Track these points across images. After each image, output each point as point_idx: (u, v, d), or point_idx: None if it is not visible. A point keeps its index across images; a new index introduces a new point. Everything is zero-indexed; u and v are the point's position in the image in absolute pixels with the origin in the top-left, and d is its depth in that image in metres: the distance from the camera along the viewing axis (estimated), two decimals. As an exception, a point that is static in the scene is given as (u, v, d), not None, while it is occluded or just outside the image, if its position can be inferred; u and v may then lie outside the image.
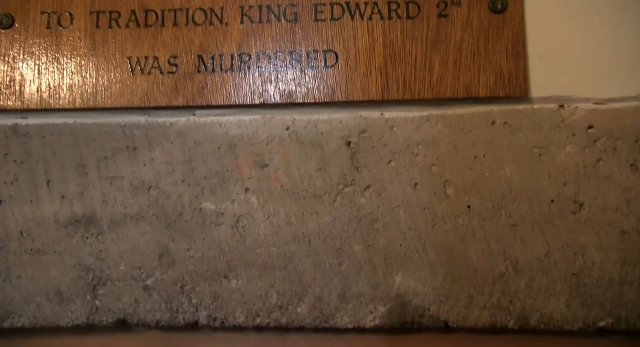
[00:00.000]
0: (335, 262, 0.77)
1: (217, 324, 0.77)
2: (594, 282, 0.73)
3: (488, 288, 0.75)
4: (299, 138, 0.80)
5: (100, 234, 0.79)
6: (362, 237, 0.77)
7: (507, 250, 0.75)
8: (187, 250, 0.78)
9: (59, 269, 0.79)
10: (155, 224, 0.79)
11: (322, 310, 0.76)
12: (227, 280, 0.78)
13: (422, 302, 0.75)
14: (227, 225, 0.79)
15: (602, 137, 0.75)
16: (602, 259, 0.74)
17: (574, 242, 0.74)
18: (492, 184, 0.77)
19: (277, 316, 0.76)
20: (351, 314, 0.76)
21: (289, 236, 0.78)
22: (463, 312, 0.75)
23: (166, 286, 0.78)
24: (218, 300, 0.77)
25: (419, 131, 0.78)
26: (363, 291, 0.76)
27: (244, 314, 0.77)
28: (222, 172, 0.80)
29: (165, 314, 0.77)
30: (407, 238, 0.77)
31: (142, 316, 0.77)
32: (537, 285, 0.74)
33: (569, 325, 0.73)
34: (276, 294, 0.77)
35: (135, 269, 0.78)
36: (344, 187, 0.78)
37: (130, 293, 0.78)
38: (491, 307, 0.75)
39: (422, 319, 0.75)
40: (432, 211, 0.77)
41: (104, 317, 0.77)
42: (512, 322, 0.74)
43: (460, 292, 0.75)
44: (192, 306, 0.77)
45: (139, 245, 0.79)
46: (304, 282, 0.77)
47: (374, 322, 0.75)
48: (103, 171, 0.81)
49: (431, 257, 0.76)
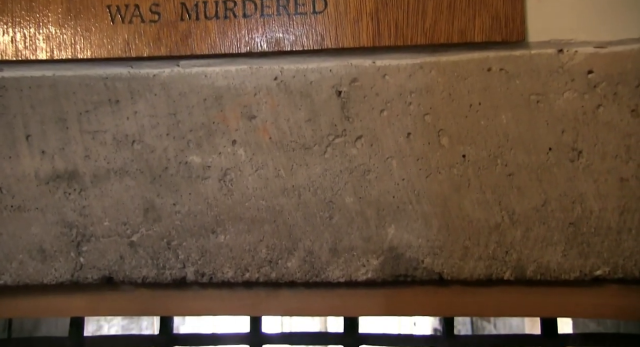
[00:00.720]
0: (325, 215, 0.74)
1: (204, 280, 0.75)
2: (592, 231, 0.71)
3: (483, 239, 0.73)
4: (288, 88, 0.77)
5: (82, 189, 0.77)
6: (353, 189, 0.75)
7: (502, 200, 0.73)
8: (172, 204, 0.76)
9: (41, 226, 0.76)
10: (139, 178, 0.77)
11: (312, 264, 0.74)
12: (215, 235, 0.75)
13: (415, 255, 0.73)
14: (213, 178, 0.76)
15: (602, 82, 0.73)
16: (600, 207, 0.72)
17: (572, 191, 0.72)
18: (487, 132, 0.74)
19: (267, 270, 0.74)
20: (343, 267, 0.74)
21: (277, 188, 0.75)
22: (458, 264, 0.73)
23: (152, 241, 0.75)
24: (205, 255, 0.75)
25: (411, 79, 0.75)
26: (355, 243, 0.74)
27: (232, 269, 0.74)
28: (208, 124, 0.77)
29: (152, 270, 0.75)
30: (400, 189, 0.74)
31: (127, 272, 0.75)
32: (534, 235, 0.72)
33: (565, 274, 0.71)
34: (265, 248, 0.75)
35: (119, 224, 0.76)
36: (334, 137, 0.76)
37: (115, 249, 0.75)
38: (486, 258, 0.73)
39: (416, 271, 0.73)
40: (425, 160, 0.74)
41: (89, 274, 0.75)
42: (508, 273, 0.72)
43: (454, 244, 0.73)
44: (178, 261, 0.75)
45: (123, 200, 0.76)
46: (293, 236, 0.74)
47: (366, 276, 0.73)
48: (84, 125, 0.78)
49: (425, 208, 0.74)
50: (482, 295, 0.75)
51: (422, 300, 0.75)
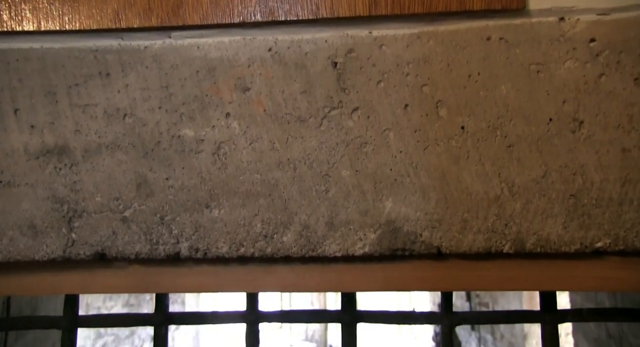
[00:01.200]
0: (322, 188, 0.73)
1: (199, 255, 0.73)
2: (593, 202, 0.70)
3: (482, 212, 0.72)
4: (282, 59, 0.75)
5: (73, 164, 0.75)
6: (350, 162, 0.73)
7: (502, 172, 0.72)
8: (165, 179, 0.74)
9: (32, 202, 0.75)
10: (131, 152, 0.75)
11: (308, 238, 0.73)
12: (209, 209, 0.74)
13: (413, 228, 0.72)
14: (207, 152, 0.74)
15: (605, 51, 0.71)
16: (601, 178, 0.70)
17: (573, 162, 0.71)
18: (487, 103, 0.72)
19: (262, 245, 0.73)
20: (339, 241, 0.72)
21: (272, 161, 0.74)
22: (456, 237, 0.72)
23: (145, 216, 0.74)
24: (199, 230, 0.74)
25: (409, 49, 0.74)
26: (352, 217, 0.73)
27: (227, 244, 0.73)
28: (201, 96, 0.75)
29: (145, 246, 0.74)
30: (398, 162, 0.73)
31: (120, 248, 0.74)
32: (534, 207, 0.71)
33: (565, 247, 0.70)
34: (260, 223, 0.73)
35: (111, 200, 0.74)
36: (330, 109, 0.74)
37: (107, 225, 0.74)
38: (486, 231, 0.71)
39: (414, 245, 0.72)
40: (423, 132, 0.73)
41: (81, 250, 0.74)
42: (507, 246, 0.71)
43: (453, 217, 0.72)
44: (172, 236, 0.74)
45: (115, 175, 0.75)
46: (289, 210, 0.73)
47: (364, 250, 0.72)
48: (74, 99, 0.76)
49: (423, 181, 0.72)
50: (482, 269, 0.73)
51: (420, 275, 0.74)
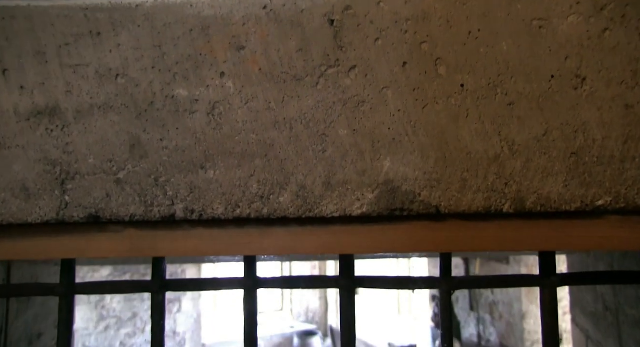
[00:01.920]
0: (319, 148, 0.72)
1: (194, 217, 0.72)
2: (594, 160, 0.69)
3: (482, 171, 0.70)
4: (278, 17, 0.73)
5: (65, 126, 0.73)
6: (347, 121, 0.72)
7: (502, 130, 0.70)
8: (159, 140, 0.73)
9: (23, 164, 0.73)
10: (124, 113, 0.73)
11: (305, 198, 0.72)
12: (204, 170, 0.73)
13: (412, 188, 0.71)
14: (202, 112, 0.73)
15: (610, 4, 0.69)
16: (603, 136, 0.69)
17: (575, 119, 0.69)
18: (487, 60, 0.71)
19: (258, 206, 0.72)
20: (337, 201, 0.71)
21: (268, 121, 0.72)
22: (455, 197, 0.71)
23: (139, 178, 0.73)
24: (195, 191, 0.72)
25: (407, 6, 0.72)
26: (349, 177, 0.71)
27: (223, 205, 0.72)
28: (195, 56, 0.73)
29: (139, 208, 0.73)
30: (396, 120, 0.71)
31: (114, 210, 0.73)
32: (534, 165, 0.70)
33: (566, 205, 0.69)
34: (256, 184, 0.72)
35: (105, 161, 0.73)
36: (327, 68, 0.72)
37: (101, 187, 0.73)
38: (485, 190, 0.70)
39: (412, 205, 0.71)
40: (422, 91, 0.71)
41: (75, 213, 0.73)
42: (507, 205, 0.70)
43: (452, 176, 0.71)
44: (167, 198, 0.73)
45: (108, 136, 0.73)
46: (285, 170, 0.72)
47: (361, 210, 0.71)
48: (65, 58, 0.74)
49: (421, 140, 0.71)
50: (481, 230, 0.73)
51: (419, 236, 0.73)
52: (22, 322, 1.55)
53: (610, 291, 1.73)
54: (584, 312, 2.10)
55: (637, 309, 1.45)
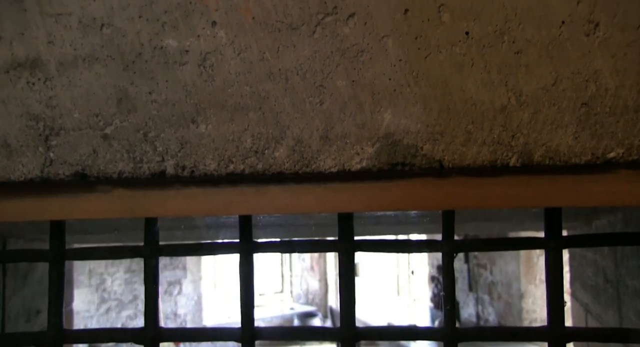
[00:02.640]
0: (316, 100, 0.68)
1: (185, 173, 0.69)
2: (606, 110, 0.66)
3: (488, 123, 0.67)
4: (271, -39, 0.68)
5: (48, 79, 0.70)
6: (345, 71, 0.68)
7: (509, 80, 0.67)
8: (148, 93, 0.69)
9: (4, 119, 0.70)
10: (110, 65, 0.69)
11: (302, 153, 0.68)
12: (195, 124, 0.69)
13: (414, 141, 0.68)
14: (192, 64, 0.69)
15: (624, -57, 0.65)
16: (616, 85, 0.65)
17: (586, 68, 0.66)
18: (493, 6, 0.67)
19: (253, 161, 0.69)
20: (335, 156, 0.68)
21: (263, 72, 0.68)
22: (460, 150, 0.67)
23: (127, 133, 0.69)
24: (185, 147, 0.69)
25: (410, -53, 0.67)
26: (348, 130, 0.68)
27: (215, 161, 0.69)
28: (185, 4, 0.69)
29: (128, 164, 0.69)
30: (397, 71, 0.67)
31: (102, 167, 0.69)
32: (543, 117, 0.66)
33: (575, 158, 0.66)
34: (250, 138, 0.69)
35: (91, 116, 0.69)
36: (324, 16, 0.68)
37: (87, 143, 0.69)
38: (491, 143, 0.67)
39: (414, 159, 0.68)
40: (424, 39, 0.67)
41: (60, 170, 0.70)
42: (514, 159, 0.67)
43: (456, 129, 0.67)
44: (157, 154, 0.69)
45: (94, 90, 0.69)
46: (281, 124, 0.68)
47: (361, 164, 0.68)
48: (45, 7, 0.70)
49: (424, 91, 0.67)
50: (486, 185, 0.69)
51: (421, 193, 0.70)
52: (19, 298, 1.53)
53: (612, 264, 1.71)
54: (583, 286, 2.09)
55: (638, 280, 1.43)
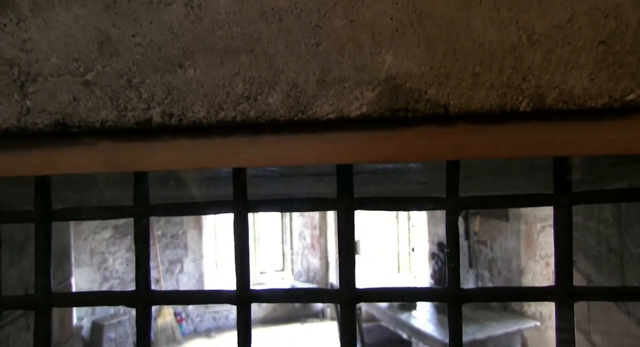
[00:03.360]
0: (311, 42, 0.63)
1: (173, 122, 0.65)
2: (627, 49, 0.61)
3: (497, 64, 0.62)
4: None
5: (21, 20, 0.64)
6: (343, 10, 0.63)
7: (520, 17, 0.61)
8: (131, 36, 0.64)
9: (-22, 65, 0.65)
10: (90, 6, 0.64)
11: (297, 98, 0.64)
12: (182, 69, 0.64)
13: (417, 85, 0.63)
14: (178, 3, 0.64)
15: None
16: (639, 20, 0.60)
17: (605, 2, 0.60)
18: None
19: (245, 107, 0.64)
20: (332, 101, 0.63)
21: (254, 12, 0.63)
22: (466, 94, 0.63)
23: (110, 79, 0.65)
24: (173, 93, 0.64)
25: None
26: (346, 74, 0.63)
27: (205, 108, 0.64)
28: (167, -63, 0.63)
29: (112, 113, 0.65)
30: (399, 9, 0.62)
31: (83, 115, 0.65)
32: (556, 57, 0.61)
33: (591, 101, 0.61)
34: (242, 83, 0.64)
35: (70, 61, 0.65)
36: (320, -52, 0.62)
37: (66, 90, 0.65)
38: (500, 86, 0.62)
39: (418, 104, 0.63)
40: (429, -27, 0.62)
41: (39, 119, 0.65)
42: (525, 103, 0.62)
43: (463, 71, 0.62)
44: (142, 101, 0.65)
45: (73, 32, 0.64)
46: (274, 67, 0.64)
47: (360, 110, 0.63)
48: (17, -58, 0.64)
49: (428, 30, 0.62)
50: (494, 134, 0.65)
51: (425, 142, 0.66)
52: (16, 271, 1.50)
53: (616, 232, 1.68)
54: (586, 257, 2.06)
55: (644, 247, 1.40)
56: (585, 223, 1.99)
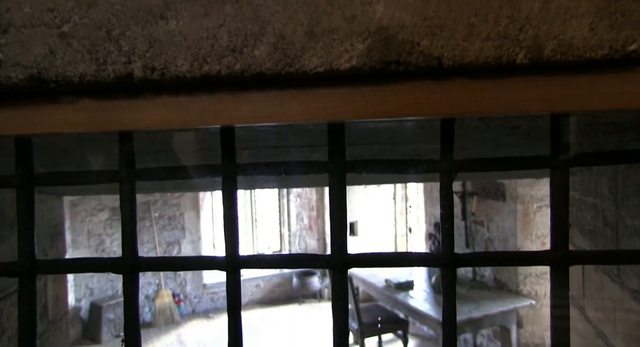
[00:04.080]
0: (299, -10, 0.60)
1: (155, 76, 0.62)
2: (629, -4, 0.58)
3: (493, 14, 0.59)
4: None
5: (-6, -32, 0.61)
6: (333, -44, 0.59)
7: (519, -37, 0.58)
8: (109, -15, 0.61)
9: (-52, 16, 0.62)
10: (64, -47, 0.61)
11: (284, 51, 0.61)
12: (164, 20, 0.61)
13: (409, 36, 0.60)
14: (157, -50, 0.60)
15: None
16: (641, -35, 0.57)
17: (607, -53, 0.57)
18: None
19: (230, 60, 0.61)
20: (321, 54, 0.61)
21: (238, -41, 0.60)
22: (461, 46, 0.60)
23: (88, 31, 0.62)
24: (154, 46, 0.61)
25: None
26: (335, 25, 0.60)
27: (188, 61, 0.61)
28: None
29: (90, 67, 0.62)
30: (391, -45, 0.59)
31: (60, 69, 0.62)
32: (555, 5, 0.59)
33: (591, 52, 0.59)
34: (227, 35, 0.61)
35: (45, 11, 0.61)
36: None
37: (42, 42, 0.62)
38: (496, 37, 0.60)
39: (410, 56, 0.60)
40: None
41: (12, 73, 0.62)
42: (522, 55, 0.60)
43: (457, 21, 0.60)
44: (122, 54, 0.62)
45: (47, -18, 0.61)
46: (261, 18, 0.61)
47: (350, 63, 0.61)
48: None
49: (422, -22, 0.59)
50: (490, 89, 0.62)
51: (418, 98, 0.63)
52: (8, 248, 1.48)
53: (612, 205, 1.67)
54: (581, 232, 2.06)
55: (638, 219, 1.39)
56: (582, 198, 1.98)
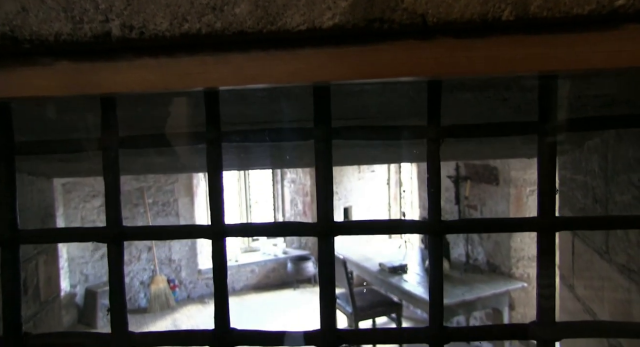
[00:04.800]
0: (280, -55, 0.58)
1: (134, 35, 0.60)
2: (616, -50, 0.57)
3: (479, -31, 0.58)
4: None
5: None
6: None
7: None
8: (84, -60, 0.59)
9: None
10: None
11: (266, 8, 0.59)
12: (142, -23, 0.59)
13: (394, -8, 0.59)
14: None
15: None
16: None
17: None
18: None
19: (210, 19, 0.60)
20: (303, 11, 0.59)
21: None
22: (445, 2, 0.59)
23: (63, -12, 0.60)
24: (132, 3, 0.60)
25: None
26: (318, -19, 0.59)
27: (167, 20, 0.60)
28: None
29: (66, 25, 0.60)
30: None
31: (34, 28, 0.60)
32: (542, -40, 0.57)
33: (578, 8, 0.58)
34: (206, -8, 0.59)
35: (18, -32, 0.59)
36: None
37: (15, 0, 0.60)
38: (482, -7, 0.58)
39: (394, 13, 0.59)
40: None
41: (-13, 32, 0.60)
42: (508, 11, 0.58)
43: (443, -23, 0.58)
44: (99, 12, 0.60)
45: (19, -63, 0.59)
46: (241, -26, 0.59)
47: (333, 21, 0.59)
48: None
49: None
50: (475, 49, 0.61)
51: (402, 58, 0.62)
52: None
53: (602, 182, 1.67)
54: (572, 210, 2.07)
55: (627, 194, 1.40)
56: (573, 177, 1.99)
